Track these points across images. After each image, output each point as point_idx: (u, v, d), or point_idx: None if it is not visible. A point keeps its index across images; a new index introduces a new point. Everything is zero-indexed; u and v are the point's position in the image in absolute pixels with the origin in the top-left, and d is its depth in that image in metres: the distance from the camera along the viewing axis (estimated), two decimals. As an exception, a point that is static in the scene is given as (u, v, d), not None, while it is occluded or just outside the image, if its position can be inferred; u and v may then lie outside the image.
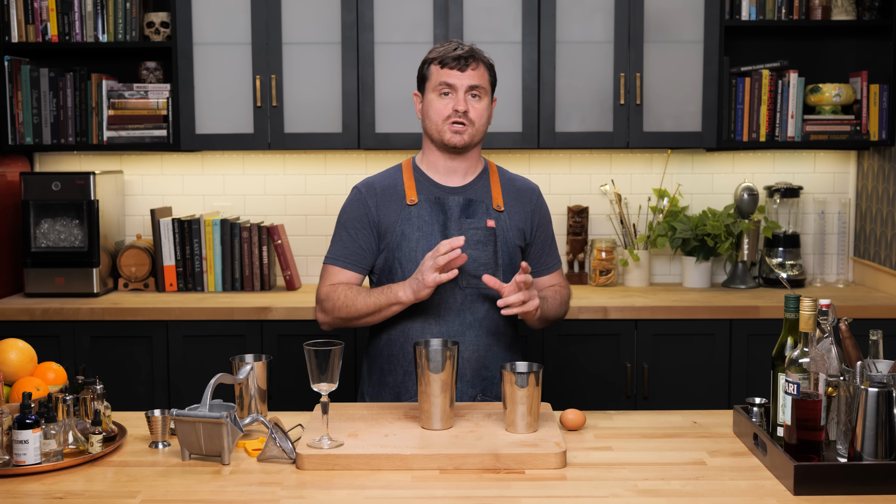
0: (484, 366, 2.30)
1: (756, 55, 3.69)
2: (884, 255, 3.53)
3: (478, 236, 2.30)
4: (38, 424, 1.78)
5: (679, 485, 1.73)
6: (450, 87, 2.27)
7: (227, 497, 1.68)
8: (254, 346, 3.26)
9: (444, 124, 2.28)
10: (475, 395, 2.30)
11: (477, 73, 2.28)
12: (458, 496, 1.68)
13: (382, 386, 2.35)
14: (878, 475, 1.67)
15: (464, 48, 2.29)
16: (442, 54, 2.29)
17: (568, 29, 3.46)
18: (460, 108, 2.26)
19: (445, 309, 2.28)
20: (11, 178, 3.57)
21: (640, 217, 3.81)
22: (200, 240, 3.57)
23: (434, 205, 2.31)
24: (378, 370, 2.37)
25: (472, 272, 2.28)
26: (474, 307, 2.29)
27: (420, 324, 2.29)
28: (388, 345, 2.34)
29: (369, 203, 2.33)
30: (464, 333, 2.28)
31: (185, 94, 3.46)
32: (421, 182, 2.35)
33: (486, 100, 2.31)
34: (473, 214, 2.31)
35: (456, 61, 2.27)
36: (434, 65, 2.30)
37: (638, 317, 3.28)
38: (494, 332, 2.32)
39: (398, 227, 2.30)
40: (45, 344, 2.99)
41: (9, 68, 3.50)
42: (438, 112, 2.28)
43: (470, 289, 2.29)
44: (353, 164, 3.78)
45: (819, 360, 1.71)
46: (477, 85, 2.28)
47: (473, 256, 2.28)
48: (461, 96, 2.27)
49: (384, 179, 2.38)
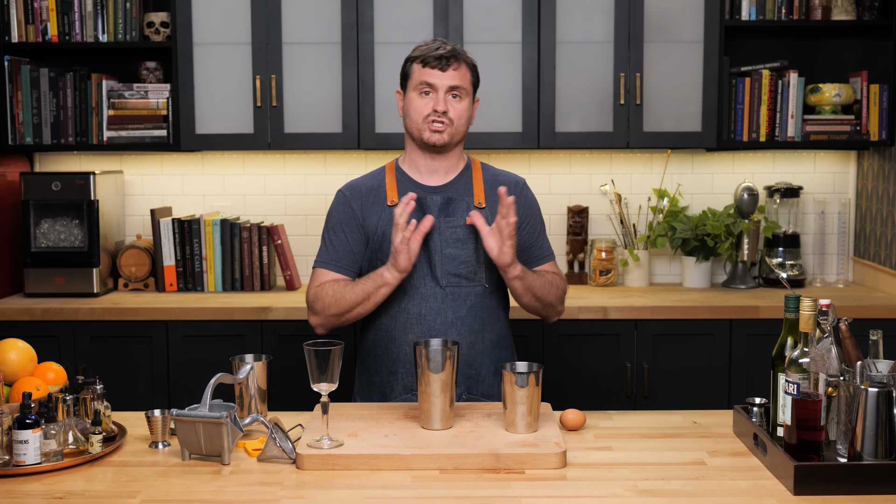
0: (468, 364, 2.30)
1: (756, 55, 3.69)
2: (884, 255, 3.53)
3: (457, 234, 2.30)
4: (38, 424, 1.78)
5: (679, 485, 1.73)
6: (430, 86, 2.28)
7: (227, 497, 1.68)
8: (254, 346, 3.26)
9: (424, 123, 2.29)
10: (461, 394, 2.30)
11: (458, 73, 2.28)
12: (458, 496, 1.68)
13: (370, 386, 2.36)
14: (878, 475, 1.67)
15: (446, 47, 2.29)
16: (424, 53, 2.29)
17: (568, 29, 3.46)
18: (440, 108, 2.27)
19: (427, 308, 2.28)
20: (11, 178, 3.57)
21: (640, 217, 3.81)
22: (200, 240, 3.57)
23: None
24: (366, 371, 2.39)
25: (452, 271, 2.29)
26: (455, 305, 2.29)
27: (402, 324, 2.29)
28: (374, 346, 2.35)
29: (354, 206, 2.35)
30: (445, 332, 2.28)
31: (185, 94, 3.46)
32: (402, 182, 2.36)
33: (466, 100, 2.31)
34: (453, 213, 2.32)
35: (437, 60, 2.27)
36: (416, 63, 2.30)
37: (638, 317, 3.28)
38: (477, 331, 2.32)
39: (380, 228, 2.31)
40: (45, 344, 2.99)
41: (9, 68, 3.50)
42: (418, 111, 2.29)
43: (450, 287, 2.29)
44: (353, 164, 3.78)
45: (819, 360, 1.71)
46: (458, 85, 2.28)
47: (453, 255, 2.29)
48: (441, 96, 2.27)
49: (368, 181, 2.40)
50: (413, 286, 2.29)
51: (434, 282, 2.29)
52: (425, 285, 2.28)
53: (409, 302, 2.28)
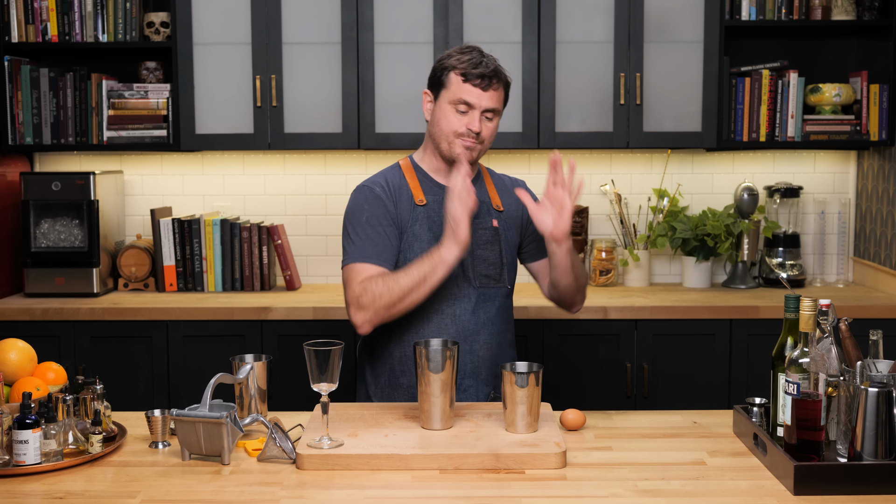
0: (494, 363, 2.32)
1: (756, 55, 3.69)
2: (884, 255, 3.53)
3: (486, 236, 2.31)
4: (38, 424, 1.78)
5: (679, 485, 1.73)
6: (468, 105, 2.23)
7: (227, 497, 1.68)
8: (254, 346, 3.26)
9: (456, 138, 2.25)
10: (489, 393, 2.32)
11: (497, 94, 2.25)
12: (458, 496, 1.68)
13: (395, 387, 2.33)
14: (878, 475, 1.67)
15: (488, 65, 2.23)
16: (466, 67, 2.22)
17: (568, 29, 3.46)
18: (475, 128, 2.23)
19: (461, 309, 2.28)
20: (11, 178, 3.57)
21: (640, 217, 3.81)
22: (200, 240, 3.57)
23: (443, 206, 2.27)
24: (388, 372, 2.34)
25: (482, 272, 2.30)
26: (486, 306, 2.31)
27: (436, 324, 2.27)
28: (401, 346, 2.30)
29: (386, 201, 2.28)
30: (478, 332, 2.28)
31: (185, 94, 3.46)
32: (425, 183, 2.34)
33: (497, 120, 2.29)
34: (479, 214, 2.32)
35: (480, 79, 2.22)
36: (455, 74, 2.24)
37: (638, 317, 3.28)
38: (503, 331, 2.35)
39: (409, 227, 2.28)
40: (45, 344, 2.99)
41: (9, 68, 3.50)
42: (451, 125, 2.25)
43: (482, 288, 2.30)
44: (353, 164, 3.78)
45: (819, 360, 1.71)
46: (495, 108, 2.26)
47: (483, 256, 2.30)
48: (477, 116, 2.24)
49: (391, 179, 2.33)
50: (447, 287, 2.25)
51: (467, 282, 2.28)
52: (458, 286, 2.27)
53: (441, 303, 2.26)
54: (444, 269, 2.14)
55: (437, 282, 2.15)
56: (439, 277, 2.15)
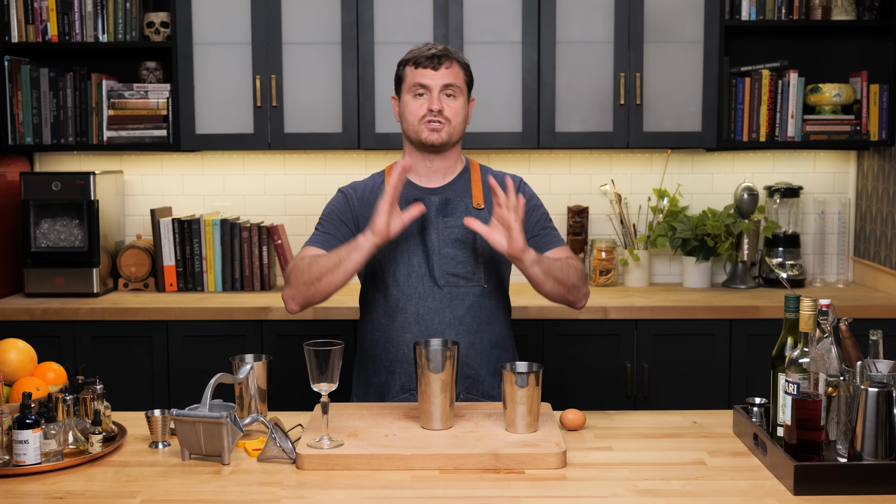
0: (466, 364, 2.30)
1: (756, 55, 3.69)
2: (884, 255, 3.53)
3: (455, 234, 2.30)
4: (38, 424, 1.78)
5: (679, 485, 1.73)
6: (424, 87, 2.28)
7: (227, 497, 1.68)
8: (254, 346, 3.26)
9: (421, 124, 2.29)
10: (459, 393, 2.30)
11: (451, 71, 2.29)
12: (458, 496, 1.68)
13: (368, 387, 2.36)
14: (878, 475, 1.67)
15: (437, 48, 2.30)
16: (415, 55, 2.30)
17: (568, 29, 3.46)
18: (434, 106, 2.27)
19: (425, 308, 2.28)
20: (11, 178, 3.57)
21: (640, 217, 3.81)
22: (200, 240, 3.57)
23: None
24: (363, 371, 2.38)
25: (450, 270, 2.29)
26: (454, 305, 2.29)
27: (399, 323, 2.29)
28: (372, 346, 2.34)
29: (352, 203, 2.36)
30: (443, 332, 2.27)
31: (185, 94, 3.47)
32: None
33: (461, 98, 2.31)
34: (451, 213, 2.32)
35: (429, 60, 2.28)
36: (408, 66, 2.31)
37: (638, 317, 3.28)
38: (476, 331, 2.31)
39: None
40: (45, 344, 2.99)
41: (9, 68, 3.50)
42: (413, 112, 2.29)
43: (448, 287, 2.29)
44: (353, 164, 3.78)
45: (819, 360, 1.71)
46: (451, 83, 2.29)
47: (451, 255, 2.29)
48: (435, 95, 2.28)
49: (367, 183, 2.41)
50: (411, 286, 2.28)
51: (432, 281, 2.29)
52: (423, 285, 2.28)
53: (406, 302, 2.28)
54: (360, 255, 2.15)
55: (352, 266, 2.16)
56: (354, 262, 2.16)
